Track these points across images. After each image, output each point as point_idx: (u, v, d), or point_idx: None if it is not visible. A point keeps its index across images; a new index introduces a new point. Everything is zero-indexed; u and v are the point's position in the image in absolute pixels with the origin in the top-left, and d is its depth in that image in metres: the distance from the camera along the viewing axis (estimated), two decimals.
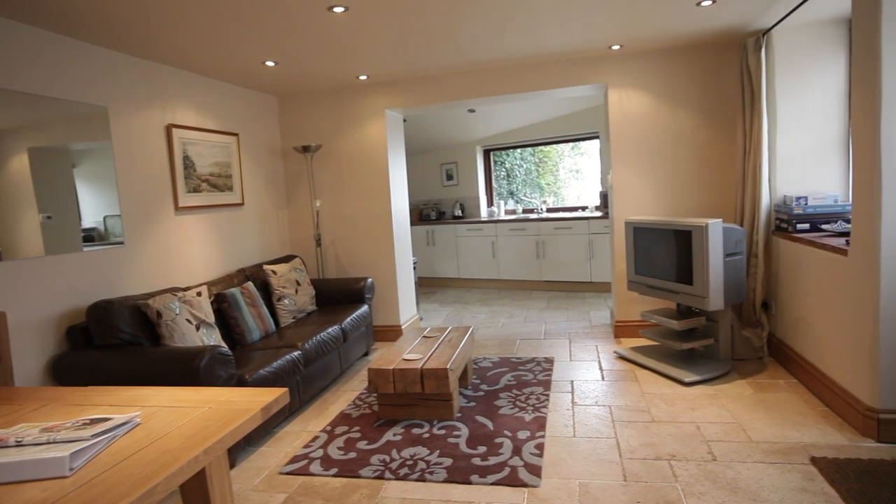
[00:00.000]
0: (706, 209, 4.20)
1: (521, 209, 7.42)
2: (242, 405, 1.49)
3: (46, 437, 1.28)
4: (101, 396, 1.67)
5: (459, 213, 7.45)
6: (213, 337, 3.11)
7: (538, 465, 2.50)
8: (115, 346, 2.77)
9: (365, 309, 4.31)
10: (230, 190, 4.21)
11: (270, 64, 3.78)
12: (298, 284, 4.22)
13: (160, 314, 2.88)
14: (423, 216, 7.56)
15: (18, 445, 1.26)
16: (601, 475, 2.39)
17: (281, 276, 4.10)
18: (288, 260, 4.48)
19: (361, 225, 4.87)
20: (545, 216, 6.65)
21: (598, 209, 6.78)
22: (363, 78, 4.44)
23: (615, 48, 4.02)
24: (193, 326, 3.00)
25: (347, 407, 3.38)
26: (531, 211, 7.32)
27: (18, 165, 2.67)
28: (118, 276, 3.19)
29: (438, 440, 2.82)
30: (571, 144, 7.59)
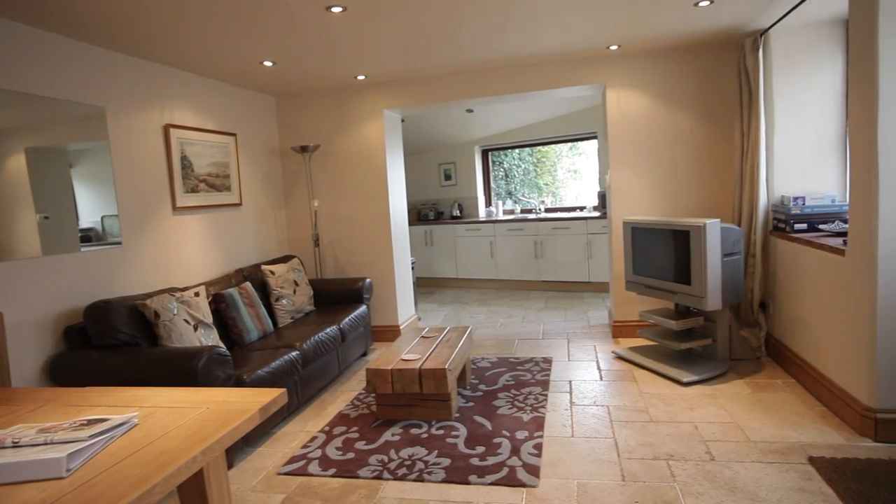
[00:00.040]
0: (704, 209, 4.21)
1: (519, 209, 7.42)
2: (240, 406, 1.48)
3: (44, 437, 1.28)
4: (98, 397, 1.66)
5: (458, 213, 7.45)
6: (210, 337, 3.11)
7: (536, 465, 2.50)
8: (112, 346, 2.76)
9: (363, 309, 4.31)
10: (228, 190, 4.20)
11: (268, 64, 3.78)
12: (296, 285, 4.21)
13: (158, 314, 2.87)
14: (421, 216, 7.56)
15: (15, 446, 1.26)
16: (599, 475, 2.39)
17: (279, 276, 4.10)
18: (286, 260, 4.47)
19: (359, 225, 4.87)
20: (543, 216, 6.66)
21: (596, 209, 6.78)
22: (361, 78, 4.44)
23: (613, 48, 4.03)
24: (191, 327, 3.00)
25: (346, 407, 3.37)
26: (529, 211, 7.32)
27: (15, 165, 2.67)
28: (116, 276, 3.19)
29: (437, 440, 2.82)
30: (570, 144, 7.60)
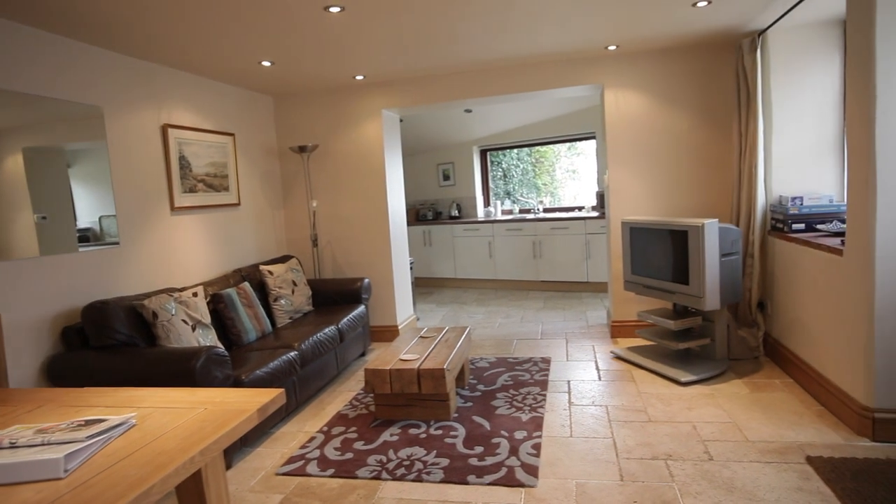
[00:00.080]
0: (702, 209, 4.21)
1: (517, 209, 7.42)
2: (239, 406, 1.48)
3: (41, 438, 1.27)
4: (96, 398, 1.66)
5: (456, 213, 7.45)
6: (209, 338, 3.10)
7: (535, 465, 2.50)
8: (110, 346, 2.76)
9: (361, 309, 4.31)
10: (226, 190, 4.20)
11: (266, 64, 3.78)
12: (295, 285, 4.21)
13: (156, 315, 2.87)
14: (419, 216, 7.56)
15: (13, 447, 1.25)
16: (598, 475, 2.39)
17: (277, 276, 4.09)
18: (284, 260, 4.47)
19: (358, 225, 4.86)
20: (542, 216, 6.66)
21: (594, 209, 6.79)
22: (359, 78, 4.44)
23: (611, 48, 4.03)
24: (189, 327, 2.99)
25: (344, 407, 3.37)
26: (528, 211, 7.32)
27: (13, 165, 2.66)
28: (114, 276, 3.18)
29: (435, 440, 2.82)
30: (568, 145, 7.61)
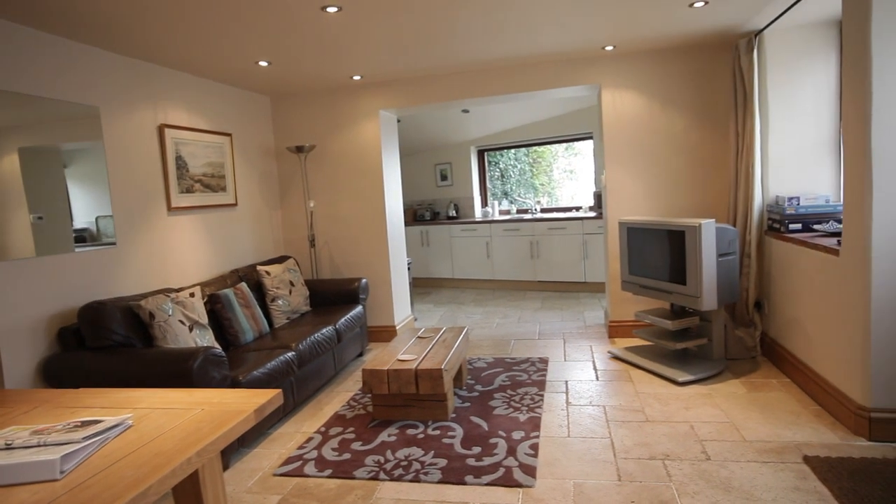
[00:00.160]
0: (699, 209, 4.22)
1: (515, 209, 7.43)
2: (236, 407, 1.48)
3: (37, 439, 1.27)
4: (92, 398, 1.65)
5: (454, 213, 7.45)
6: (206, 338, 3.10)
7: (533, 465, 2.50)
8: (107, 347, 2.75)
9: (359, 309, 4.30)
10: (223, 190, 4.19)
11: (264, 64, 3.77)
12: (292, 285, 4.20)
13: (153, 315, 2.86)
14: (417, 216, 7.56)
15: (8, 448, 1.25)
16: (596, 475, 2.39)
17: (275, 276, 4.08)
18: (282, 260, 4.46)
19: (355, 225, 4.86)
20: (539, 216, 6.66)
21: (591, 209, 6.80)
22: (357, 78, 4.43)
23: (608, 49, 4.04)
24: (186, 327, 2.99)
25: (342, 408, 3.37)
26: (525, 211, 7.33)
27: (9, 166, 2.65)
28: (110, 277, 3.17)
29: (433, 441, 2.82)
30: (565, 145, 7.62)
